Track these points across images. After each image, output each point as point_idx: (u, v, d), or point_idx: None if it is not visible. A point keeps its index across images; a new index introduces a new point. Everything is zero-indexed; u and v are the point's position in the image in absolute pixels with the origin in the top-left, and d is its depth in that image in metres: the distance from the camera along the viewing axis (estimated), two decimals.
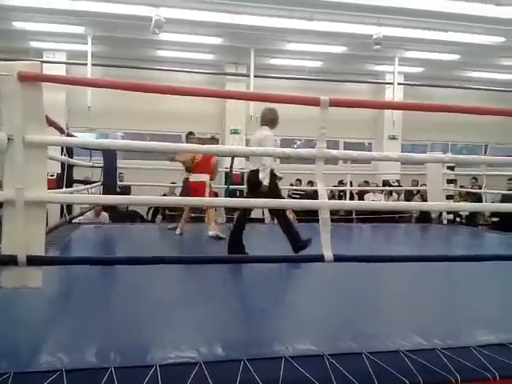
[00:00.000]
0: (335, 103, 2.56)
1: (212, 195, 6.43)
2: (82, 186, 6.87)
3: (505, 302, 3.43)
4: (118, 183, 8.20)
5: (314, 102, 2.52)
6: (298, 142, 14.78)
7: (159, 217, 10.64)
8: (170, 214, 9.95)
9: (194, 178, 6.23)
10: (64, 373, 1.93)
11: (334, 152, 2.67)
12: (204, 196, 5.88)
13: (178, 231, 6.51)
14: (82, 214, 7.60)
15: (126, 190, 9.04)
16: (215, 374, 1.94)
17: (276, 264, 2.85)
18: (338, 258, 2.48)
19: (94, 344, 2.25)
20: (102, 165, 7.20)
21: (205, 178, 6.16)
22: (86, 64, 11.79)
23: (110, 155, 6.99)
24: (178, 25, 10.43)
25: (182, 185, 7.05)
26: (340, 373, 2.00)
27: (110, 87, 2.64)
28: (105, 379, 1.89)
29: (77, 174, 7.12)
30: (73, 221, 6.97)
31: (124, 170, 9.93)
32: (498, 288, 3.93)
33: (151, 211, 10.88)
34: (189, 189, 6.25)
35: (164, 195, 10.24)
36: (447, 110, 3.23)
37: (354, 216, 10.21)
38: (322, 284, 3.65)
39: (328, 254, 2.46)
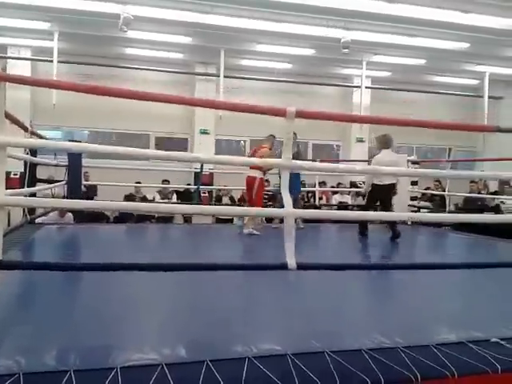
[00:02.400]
0: (302, 115, 2.55)
1: (262, 189, 6.82)
2: (45, 186, 6.71)
3: (465, 301, 3.53)
4: (84, 182, 8.05)
5: (280, 113, 2.50)
6: None
7: None
8: (136, 215, 9.82)
9: (250, 172, 6.66)
10: (21, 376, 1.87)
11: (299, 162, 2.68)
12: (254, 190, 6.55)
13: (248, 231, 6.53)
14: (45, 213, 7.42)
15: (91, 190, 8.90)
16: (177, 376, 1.92)
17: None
18: (301, 266, 2.49)
19: (53, 347, 2.20)
20: (66, 163, 7.05)
21: (256, 173, 6.55)
22: (51, 61, 11.55)
23: (74, 154, 6.85)
24: (146, 23, 10.32)
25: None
26: (302, 372, 2.01)
27: (71, 89, 2.57)
28: (63, 382, 1.85)
29: (41, 173, 6.97)
30: (36, 221, 6.81)
31: (89, 169, 9.76)
32: (459, 288, 4.03)
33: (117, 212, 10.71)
34: (246, 183, 6.77)
35: (130, 194, 10.14)
36: (410, 124, 3.29)
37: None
38: (287, 285, 3.66)
39: (291, 262, 2.47)
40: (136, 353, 2.13)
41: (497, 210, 9.16)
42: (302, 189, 8.74)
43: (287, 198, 2.61)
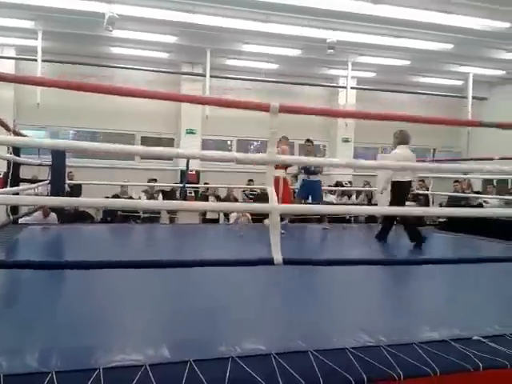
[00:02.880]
0: (285, 109, 2.56)
1: (288, 187, 6.82)
2: (28, 185, 6.64)
3: (448, 299, 3.56)
4: (67, 182, 7.97)
5: (264, 108, 2.51)
6: (255, 143, 14.83)
7: None
8: (122, 215, 9.76)
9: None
10: (2, 378, 1.85)
11: (283, 157, 2.68)
12: (279, 189, 6.34)
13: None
14: (28, 213, 7.34)
15: (75, 190, 8.81)
16: (160, 376, 1.91)
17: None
18: (287, 262, 2.49)
19: (35, 347, 2.17)
20: (50, 163, 6.97)
21: (279, 172, 6.45)
22: (36, 60, 11.42)
23: (58, 153, 6.77)
24: (132, 22, 10.28)
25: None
26: (286, 371, 2.00)
27: (54, 86, 2.55)
28: None
29: (25, 173, 6.89)
30: (19, 221, 6.73)
31: (74, 168, 9.67)
32: (442, 286, 4.07)
33: (102, 212, 10.63)
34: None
35: (116, 195, 10.06)
36: (390, 118, 3.31)
37: (309, 215, 10.31)
38: (271, 284, 3.66)
39: (277, 257, 2.48)
40: (119, 353, 2.11)
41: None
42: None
43: (273, 196, 2.61)
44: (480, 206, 9.47)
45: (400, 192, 6.03)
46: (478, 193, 10.90)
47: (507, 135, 10.07)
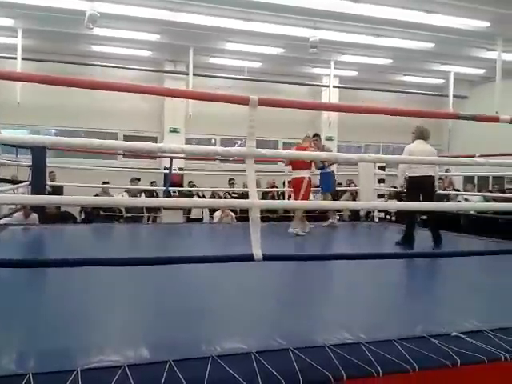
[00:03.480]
0: (264, 103, 2.57)
1: (309, 189, 6.79)
2: (8, 186, 6.54)
3: (427, 295, 3.60)
4: (49, 183, 7.88)
5: (244, 101, 2.52)
6: (239, 142, 14.80)
7: None
8: (104, 215, 9.68)
9: (295, 174, 6.67)
10: None
11: (263, 151, 2.68)
12: (302, 190, 6.45)
13: (295, 231, 6.48)
14: (9, 214, 7.24)
15: (57, 191, 8.70)
16: (139, 377, 1.90)
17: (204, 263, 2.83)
18: (267, 257, 2.49)
19: (12, 349, 2.15)
20: (29, 163, 6.88)
21: (304, 174, 6.54)
22: (15, 58, 11.25)
23: (38, 153, 6.69)
24: (113, 20, 10.18)
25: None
26: (265, 370, 2.00)
27: (40, 82, 2.51)
28: None
29: (4, 173, 6.79)
30: (0, 222, 6.64)
31: (56, 170, 9.57)
32: (421, 283, 4.11)
33: (83, 212, 10.50)
34: (293, 184, 6.81)
35: (96, 195, 9.95)
36: (371, 111, 3.33)
37: (292, 214, 10.34)
38: (251, 282, 3.66)
39: (257, 252, 2.47)
40: (98, 354, 2.09)
41: None
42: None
43: (253, 191, 2.61)
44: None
45: (409, 187, 5.84)
46: (458, 190, 11.03)
47: (488, 133, 10.22)
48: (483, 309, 3.20)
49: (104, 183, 9.56)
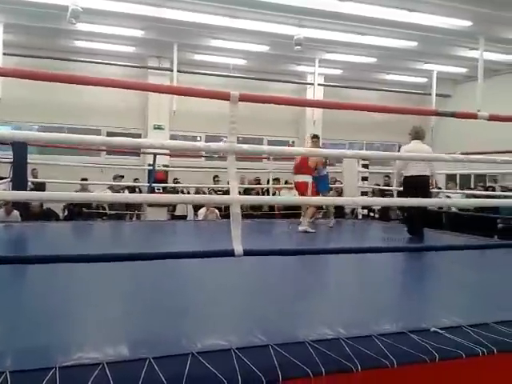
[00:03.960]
0: (245, 98, 2.57)
1: (314, 193, 6.82)
2: None
3: (409, 291, 3.63)
4: (31, 180, 7.79)
5: (224, 97, 2.51)
6: (225, 139, 14.76)
7: None
8: (87, 212, 9.59)
9: (299, 178, 6.78)
10: None
11: (244, 146, 2.68)
12: (306, 194, 6.53)
13: (303, 228, 6.55)
14: None
15: (39, 188, 8.61)
16: (118, 374, 1.89)
17: (184, 259, 2.82)
18: (247, 253, 2.49)
19: None
20: (10, 160, 6.77)
21: (306, 178, 6.66)
22: None
23: (19, 149, 6.59)
24: (97, 15, 10.08)
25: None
26: (245, 366, 2.01)
27: (22, 77, 2.47)
28: None
29: None
30: None
31: (38, 166, 9.46)
32: (404, 278, 4.15)
33: (66, 210, 10.40)
34: (298, 188, 6.87)
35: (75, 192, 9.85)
36: (351, 107, 3.36)
37: (275, 212, 10.40)
38: (234, 279, 3.66)
39: (238, 248, 2.47)
40: (76, 352, 2.07)
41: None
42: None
43: (234, 187, 2.61)
44: None
45: (404, 186, 6.04)
46: (440, 188, 11.14)
47: (471, 132, 10.35)
48: (463, 304, 3.24)
49: (83, 179, 9.43)
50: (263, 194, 11.25)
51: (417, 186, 5.82)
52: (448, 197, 9.28)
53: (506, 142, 7.76)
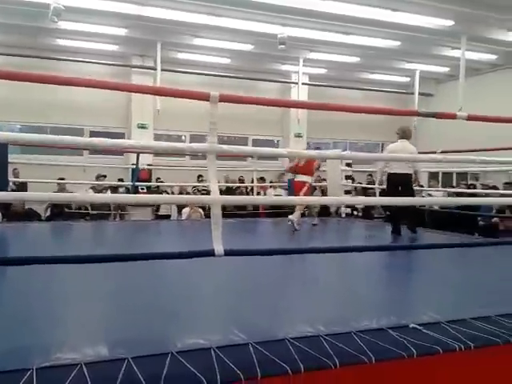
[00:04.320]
0: (225, 99, 2.56)
1: (309, 192, 7.04)
2: None
3: (389, 288, 3.67)
4: (12, 179, 7.70)
5: (204, 97, 2.51)
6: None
7: None
8: (69, 212, 9.51)
9: (299, 178, 6.96)
10: None
11: (224, 147, 2.68)
12: (302, 190, 6.73)
13: (294, 219, 6.61)
14: None
15: (21, 188, 8.52)
16: (96, 375, 1.88)
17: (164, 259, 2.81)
18: (228, 253, 2.49)
19: None
20: None
21: (307, 179, 6.93)
22: None
23: (0, 148, 6.50)
24: (79, 13, 9.97)
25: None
26: (224, 364, 2.01)
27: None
28: None
29: None
30: None
31: (20, 166, 9.35)
32: (385, 275, 4.19)
33: (49, 210, 10.29)
34: (295, 187, 7.02)
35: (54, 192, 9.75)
36: (331, 108, 3.37)
37: (260, 211, 10.41)
38: (213, 278, 3.66)
39: (219, 248, 2.47)
40: (54, 352, 2.07)
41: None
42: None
43: (215, 187, 2.61)
44: None
45: (388, 184, 6.18)
46: (422, 186, 11.26)
47: (452, 131, 10.46)
48: (442, 301, 3.28)
49: (60, 179, 9.32)
50: (247, 194, 11.27)
51: (400, 183, 5.96)
52: (430, 195, 9.39)
53: (488, 140, 7.83)
